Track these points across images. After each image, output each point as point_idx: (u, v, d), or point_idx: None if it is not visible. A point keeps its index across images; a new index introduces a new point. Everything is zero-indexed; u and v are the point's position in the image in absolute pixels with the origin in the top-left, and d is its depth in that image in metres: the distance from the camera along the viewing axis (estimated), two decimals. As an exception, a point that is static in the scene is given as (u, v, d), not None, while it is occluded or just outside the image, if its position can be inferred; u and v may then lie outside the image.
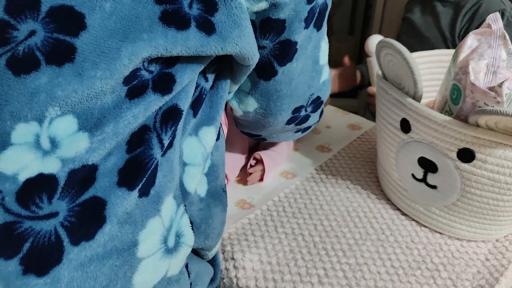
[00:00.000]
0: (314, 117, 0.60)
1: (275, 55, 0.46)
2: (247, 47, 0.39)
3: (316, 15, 0.47)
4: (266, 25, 0.43)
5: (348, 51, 2.05)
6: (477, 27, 0.65)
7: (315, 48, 0.50)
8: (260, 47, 0.45)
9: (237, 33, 0.37)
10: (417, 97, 0.55)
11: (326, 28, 0.52)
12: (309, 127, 0.64)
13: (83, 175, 0.33)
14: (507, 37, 0.52)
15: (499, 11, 0.94)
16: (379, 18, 1.71)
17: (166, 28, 0.34)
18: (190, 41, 0.35)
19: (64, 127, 0.32)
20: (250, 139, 0.78)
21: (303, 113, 0.56)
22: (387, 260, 0.56)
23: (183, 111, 0.38)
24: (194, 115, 0.42)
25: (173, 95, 0.37)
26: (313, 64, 0.51)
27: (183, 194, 0.41)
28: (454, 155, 0.52)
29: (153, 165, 0.36)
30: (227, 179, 0.70)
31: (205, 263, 0.48)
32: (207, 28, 0.36)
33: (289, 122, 0.56)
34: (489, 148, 0.49)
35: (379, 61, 0.61)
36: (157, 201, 0.37)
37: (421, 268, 0.55)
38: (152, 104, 0.35)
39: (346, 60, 1.13)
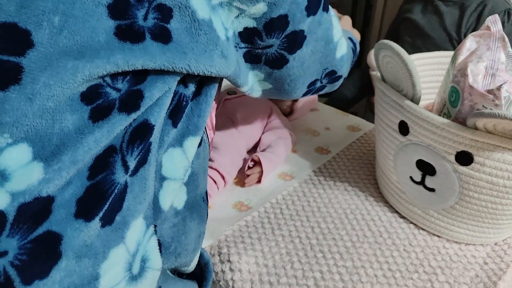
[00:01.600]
0: (330, 87, 0.61)
1: (284, 48, 0.45)
2: (203, 61, 0.36)
3: None
4: (270, 26, 0.42)
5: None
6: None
7: (327, 29, 0.50)
8: (267, 47, 0.44)
9: (189, 40, 0.35)
10: (415, 99, 0.55)
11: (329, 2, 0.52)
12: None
13: (36, 209, 0.30)
14: (506, 39, 0.52)
15: (505, 11, 0.94)
16: (379, 18, 1.71)
17: (122, 43, 0.32)
18: (148, 53, 0.33)
19: (16, 157, 0.29)
20: (248, 141, 0.78)
21: (318, 84, 0.56)
22: (384, 263, 0.56)
23: (154, 125, 0.36)
24: (174, 125, 0.39)
25: (142, 111, 0.35)
26: (326, 44, 0.51)
27: (156, 213, 0.38)
28: (452, 158, 0.51)
29: (116, 191, 0.34)
30: (225, 181, 0.70)
31: (183, 282, 0.46)
32: (164, 37, 0.34)
33: (304, 94, 0.57)
34: (487, 151, 0.49)
35: (378, 63, 0.61)
36: (122, 228, 0.34)
37: (418, 272, 0.54)
38: (116, 126, 0.33)
39: None
